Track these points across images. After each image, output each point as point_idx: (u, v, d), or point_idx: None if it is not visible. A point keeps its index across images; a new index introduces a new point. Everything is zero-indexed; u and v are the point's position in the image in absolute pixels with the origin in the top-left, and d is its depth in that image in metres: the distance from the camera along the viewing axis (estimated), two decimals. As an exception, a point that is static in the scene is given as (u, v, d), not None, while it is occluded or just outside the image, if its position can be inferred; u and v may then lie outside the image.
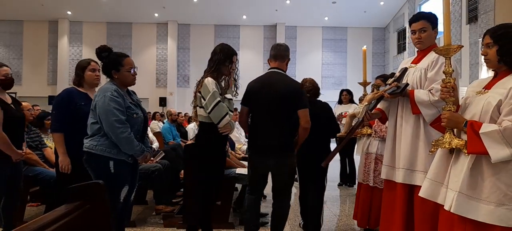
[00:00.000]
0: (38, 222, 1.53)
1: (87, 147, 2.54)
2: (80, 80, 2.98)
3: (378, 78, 3.94)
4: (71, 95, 2.92)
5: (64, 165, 2.83)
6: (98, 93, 2.55)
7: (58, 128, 2.89)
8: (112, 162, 2.51)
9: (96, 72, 3.01)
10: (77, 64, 3.07)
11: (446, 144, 1.83)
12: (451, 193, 1.80)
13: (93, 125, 2.56)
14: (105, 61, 2.66)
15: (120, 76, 2.62)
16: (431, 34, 2.56)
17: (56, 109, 2.91)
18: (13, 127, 2.94)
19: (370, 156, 3.56)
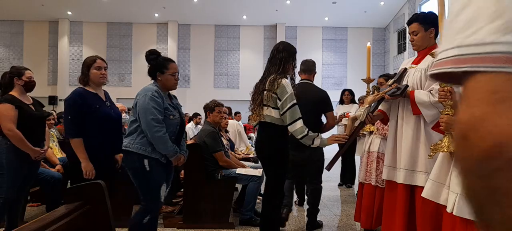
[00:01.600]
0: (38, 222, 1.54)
1: (125, 145, 2.62)
2: (85, 79, 2.90)
3: (381, 77, 3.93)
4: (82, 97, 2.80)
5: (88, 171, 2.77)
6: (140, 93, 2.65)
7: (76, 133, 2.77)
8: (146, 160, 2.57)
9: (102, 70, 2.90)
10: (83, 62, 2.99)
11: (445, 148, 1.83)
12: (452, 195, 1.80)
13: (132, 123, 2.65)
14: (152, 64, 2.77)
15: (163, 79, 2.74)
16: (424, 35, 2.56)
17: (70, 114, 2.81)
18: (32, 126, 3.10)
19: (371, 154, 3.54)
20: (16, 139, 2.98)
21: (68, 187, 2.11)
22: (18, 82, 3.10)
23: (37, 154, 3.11)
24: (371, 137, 3.61)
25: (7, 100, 3.03)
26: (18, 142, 2.99)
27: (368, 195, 3.50)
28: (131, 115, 2.71)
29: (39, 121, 3.21)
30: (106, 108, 2.88)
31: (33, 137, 3.08)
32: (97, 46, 16.35)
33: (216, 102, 4.30)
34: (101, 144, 2.82)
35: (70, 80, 16.28)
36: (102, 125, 2.81)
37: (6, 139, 3.00)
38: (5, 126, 2.97)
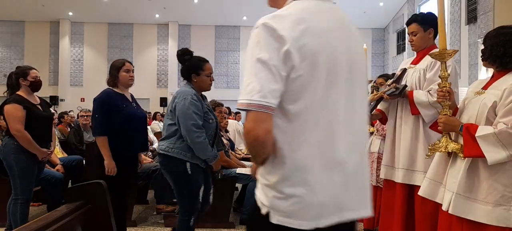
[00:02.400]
0: (39, 221, 1.55)
1: (163, 149, 2.58)
2: (114, 81, 2.97)
3: (380, 78, 3.94)
4: (111, 97, 2.91)
5: (110, 169, 2.82)
6: (178, 96, 2.60)
7: (102, 131, 2.86)
8: (188, 164, 2.55)
9: (130, 73, 3.01)
10: (112, 64, 3.06)
11: (443, 148, 1.85)
12: (448, 194, 1.82)
13: (170, 127, 2.61)
14: (186, 64, 2.72)
15: (198, 80, 2.69)
16: (423, 36, 2.58)
17: (98, 113, 2.89)
18: (40, 126, 3.08)
19: (372, 155, 3.54)
20: (24, 140, 2.95)
21: (69, 187, 2.13)
22: (23, 83, 3.08)
23: (44, 155, 3.10)
24: (371, 137, 3.62)
25: (15, 100, 3.00)
26: (25, 143, 2.96)
27: None
28: (167, 117, 2.67)
29: (46, 121, 3.20)
30: (132, 109, 2.98)
31: (40, 138, 3.06)
32: (98, 47, 16.36)
33: (217, 103, 4.32)
34: (127, 143, 2.89)
35: (71, 80, 16.31)
36: (129, 124, 2.88)
37: (13, 139, 2.98)
38: (13, 127, 2.95)
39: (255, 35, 1.10)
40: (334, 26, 1.14)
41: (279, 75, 1.04)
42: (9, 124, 2.98)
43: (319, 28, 1.10)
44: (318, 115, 1.08)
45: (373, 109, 2.75)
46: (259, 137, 1.04)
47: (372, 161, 3.52)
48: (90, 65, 16.26)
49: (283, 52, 1.04)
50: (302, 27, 1.07)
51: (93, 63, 16.25)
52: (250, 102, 1.03)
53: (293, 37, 1.04)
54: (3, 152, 3.05)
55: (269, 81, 1.02)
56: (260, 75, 1.03)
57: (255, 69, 1.05)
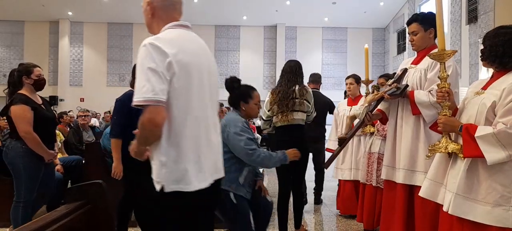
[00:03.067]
0: (39, 221, 1.55)
1: None
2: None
3: (381, 77, 3.94)
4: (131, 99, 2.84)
5: (117, 172, 2.81)
6: (228, 124, 2.59)
7: (117, 134, 2.81)
8: (232, 194, 2.54)
9: None
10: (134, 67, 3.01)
11: (442, 149, 1.84)
12: (448, 195, 1.82)
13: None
14: (235, 92, 2.73)
15: (247, 108, 2.71)
16: (424, 36, 2.57)
17: (117, 115, 2.85)
18: (44, 127, 2.98)
19: (372, 155, 3.53)
20: (33, 141, 2.86)
21: (69, 187, 2.12)
22: (27, 81, 2.96)
23: (50, 156, 3.03)
24: (371, 138, 3.60)
25: (22, 101, 2.87)
26: (34, 145, 2.87)
27: (369, 196, 3.50)
28: None
29: (50, 122, 3.11)
30: None
31: (45, 139, 2.96)
32: (98, 47, 16.35)
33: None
34: None
35: (70, 80, 16.30)
36: None
37: (21, 142, 2.88)
38: (22, 129, 2.83)
39: (144, 51, 1.47)
40: (198, 48, 1.65)
41: (165, 79, 1.45)
42: (18, 126, 2.86)
43: (189, 49, 1.57)
44: (195, 108, 1.54)
45: (373, 109, 2.74)
46: (158, 124, 1.44)
47: (373, 161, 3.50)
48: (90, 65, 16.25)
49: (167, 63, 1.45)
50: (178, 47, 1.50)
51: (92, 63, 16.25)
52: (148, 99, 1.41)
53: (172, 53, 1.46)
54: (10, 155, 2.94)
55: (159, 83, 1.42)
56: (152, 79, 1.42)
57: (147, 76, 1.43)
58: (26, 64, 3.08)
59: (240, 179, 2.62)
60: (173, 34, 1.57)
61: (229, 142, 2.55)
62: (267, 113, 3.32)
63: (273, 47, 16.46)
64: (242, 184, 2.61)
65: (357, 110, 2.88)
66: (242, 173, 2.63)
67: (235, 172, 2.59)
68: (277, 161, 2.70)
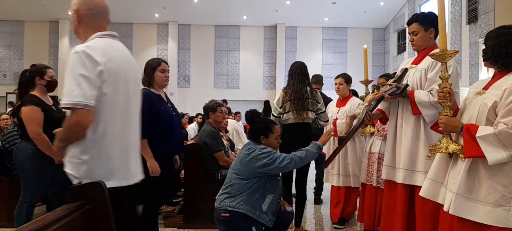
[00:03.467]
0: (39, 222, 1.54)
1: (233, 206, 2.49)
2: (150, 81, 2.91)
3: (382, 77, 3.93)
4: (150, 98, 2.82)
5: (154, 169, 2.74)
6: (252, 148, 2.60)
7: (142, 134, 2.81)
8: (254, 228, 2.52)
9: (166, 73, 2.95)
10: (147, 64, 2.99)
11: (443, 149, 1.84)
12: (449, 195, 1.82)
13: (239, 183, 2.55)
14: (257, 127, 2.71)
15: (267, 142, 2.69)
16: (424, 35, 2.57)
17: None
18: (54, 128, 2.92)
19: (373, 155, 3.52)
20: (42, 143, 2.84)
21: (69, 187, 2.11)
22: (40, 82, 2.96)
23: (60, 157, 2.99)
24: (372, 138, 3.60)
25: (33, 102, 2.87)
26: (43, 146, 2.84)
27: (370, 196, 3.49)
28: (235, 173, 2.60)
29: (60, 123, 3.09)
30: (169, 110, 2.93)
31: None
32: (98, 47, 16.36)
33: (217, 103, 4.31)
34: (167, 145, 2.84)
35: (70, 80, 16.30)
36: (166, 126, 2.83)
37: (30, 143, 2.87)
38: (32, 130, 2.82)
39: (77, 57, 1.59)
40: (125, 58, 1.81)
41: (96, 85, 1.59)
42: (27, 127, 2.85)
43: (117, 58, 1.73)
44: (121, 112, 1.72)
45: (373, 108, 2.74)
46: (85, 126, 1.60)
47: (373, 161, 3.50)
48: (90, 65, 16.25)
49: (98, 71, 1.60)
50: (108, 56, 1.65)
51: (93, 63, 16.24)
52: (77, 103, 1.55)
53: (103, 62, 1.62)
54: (19, 156, 2.93)
55: (90, 89, 1.57)
56: (83, 85, 1.56)
57: (78, 81, 1.56)
58: (39, 65, 3.07)
59: (263, 207, 2.56)
60: (102, 44, 1.72)
61: (260, 168, 2.52)
62: (278, 110, 3.39)
63: (273, 47, 16.46)
64: (265, 212, 2.55)
65: (357, 110, 2.88)
66: (265, 200, 2.57)
67: (258, 199, 2.54)
68: (315, 153, 2.70)
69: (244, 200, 2.50)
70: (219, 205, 2.57)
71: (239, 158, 2.65)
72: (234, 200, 2.52)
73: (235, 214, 2.50)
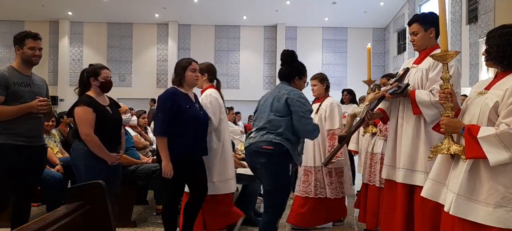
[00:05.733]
0: (39, 222, 1.54)
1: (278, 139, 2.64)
2: (180, 80, 2.91)
3: (384, 77, 3.93)
4: (175, 96, 2.84)
5: (167, 171, 2.75)
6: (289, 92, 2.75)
7: (163, 131, 2.77)
8: (291, 165, 2.71)
9: (196, 72, 2.96)
10: (177, 63, 3.00)
11: (445, 150, 1.83)
12: (450, 195, 1.81)
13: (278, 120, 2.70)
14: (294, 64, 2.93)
15: (299, 84, 2.91)
16: (424, 36, 2.57)
17: (161, 112, 2.80)
18: (109, 129, 2.93)
19: (375, 156, 3.51)
20: (94, 144, 2.82)
21: (69, 187, 2.11)
22: (94, 83, 2.95)
23: (113, 159, 2.95)
24: (374, 138, 3.59)
25: (85, 102, 2.86)
26: (95, 147, 2.83)
27: (373, 196, 3.48)
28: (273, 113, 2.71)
29: (115, 124, 3.05)
30: (195, 110, 2.92)
31: (109, 141, 2.92)
32: (98, 47, 16.35)
33: None
34: (189, 145, 2.83)
35: (70, 80, 16.28)
36: (191, 126, 2.83)
37: (83, 144, 2.86)
38: (83, 131, 2.82)
39: None
40: None
41: None
42: (79, 128, 2.84)
43: None
44: None
45: (374, 108, 2.74)
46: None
47: (375, 162, 3.48)
48: (90, 65, 16.26)
49: None
50: None
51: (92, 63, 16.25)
52: None
53: None
54: (73, 156, 2.93)
55: None
56: None
57: None
58: (95, 65, 3.04)
59: (299, 148, 2.75)
60: None
61: (293, 106, 2.66)
62: None
63: (273, 47, 16.46)
64: (299, 153, 2.75)
65: (358, 109, 2.88)
66: (300, 142, 2.76)
67: (296, 140, 2.70)
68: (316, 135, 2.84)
69: (287, 137, 2.64)
70: (260, 139, 2.67)
71: (273, 96, 2.76)
72: (278, 135, 2.63)
73: (278, 147, 2.61)
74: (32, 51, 2.90)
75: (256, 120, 2.86)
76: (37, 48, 2.92)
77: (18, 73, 2.89)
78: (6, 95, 2.77)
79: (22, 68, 2.92)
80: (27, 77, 2.93)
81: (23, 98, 2.83)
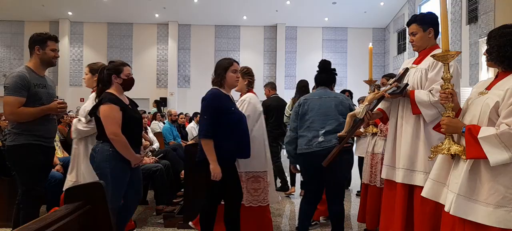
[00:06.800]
0: (39, 222, 1.54)
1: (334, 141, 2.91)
2: (221, 81, 2.81)
3: (384, 77, 3.93)
4: (220, 98, 2.76)
5: (216, 173, 2.68)
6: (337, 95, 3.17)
7: (209, 134, 2.69)
8: None
9: (237, 73, 2.88)
10: (218, 63, 2.89)
11: (445, 150, 1.83)
12: (450, 195, 1.81)
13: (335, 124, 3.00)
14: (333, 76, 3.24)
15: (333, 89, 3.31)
16: (423, 36, 2.58)
17: (207, 114, 2.71)
18: (131, 129, 2.80)
19: (376, 156, 3.50)
20: (121, 144, 2.70)
21: (68, 187, 2.10)
22: (116, 81, 2.81)
23: (137, 160, 2.85)
24: (374, 138, 3.58)
25: (111, 100, 2.71)
26: (122, 147, 2.70)
27: (373, 197, 3.47)
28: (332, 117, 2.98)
29: (138, 124, 2.95)
30: (238, 111, 2.88)
31: (133, 142, 2.80)
32: (98, 47, 16.35)
33: None
34: (236, 147, 2.78)
35: (70, 80, 16.29)
36: (234, 128, 2.77)
37: (108, 145, 2.71)
38: (111, 130, 2.68)
39: None
40: None
41: None
42: (106, 127, 2.69)
43: None
44: None
45: (374, 108, 2.73)
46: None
47: (376, 162, 3.48)
48: (90, 65, 16.26)
49: None
50: None
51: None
52: None
53: None
54: (97, 158, 2.75)
55: None
56: None
57: None
58: (117, 62, 2.91)
59: None
60: None
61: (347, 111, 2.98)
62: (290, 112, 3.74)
63: (273, 47, 16.46)
64: None
65: (358, 109, 2.88)
66: None
67: None
68: None
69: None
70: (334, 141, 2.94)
71: (334, 101, 3.05)
72: (330, 136, 2.98)
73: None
74: (54, 53, 2.98)
75: (314, 123, 2.99)
76: (57, 50, 3.01)
77: (35, 75, 2.93)
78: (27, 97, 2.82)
79: (39, 69, 2.97)
80: (43, 79, 2.99)
81: (42, 100, 2.88)
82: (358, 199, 4.71)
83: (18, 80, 2.80)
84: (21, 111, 2.81)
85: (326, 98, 3.04)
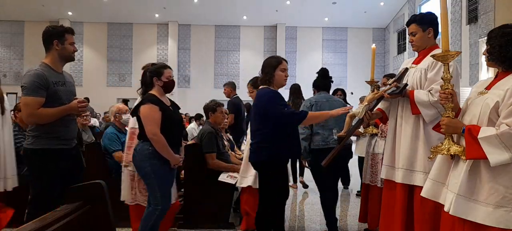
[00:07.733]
0: (39, 222, 1.54)
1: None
2: (269, 79, 2.80)
3: (385, 77, 3.93)
4: (277, 97, 2.75)
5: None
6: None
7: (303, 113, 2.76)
8: None
9: (286, 72, 2.86)
10: (266, 62, 2.88)
11: (445, 151, 1.83)
12: (450, 195, 1.81)
13: None
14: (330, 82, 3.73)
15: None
16: (422, 36, 2.58)
17: (284, 105, 2.74)
18: (171, 130, 2.82)
19: (377, 156, 3.49)
20: (160, 144, 2.72)
21: (69, 187, 2.11)
22: (157, 83, 2.86)
23: (176, 161, 2.84)
24: (375, 138, 3.58)
25: (152, 101, 2.77)
26: (161, 147, 2.72)
27: (375, 197, 3.47)
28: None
29: (178, 125, 2.98)
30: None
31: (172, 142, 2.81)
32: (98, 47, 16.36)
33: (217, 103, 4.30)
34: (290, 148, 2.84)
35: (70, 80, 16.31)
36: (291, 129, 2.83)
37: (148, 144, 2.74)
38: (150, 130, 2.71)
39: None
40: None
41: None
42: (146, 126, 2.73)
43: None
44: None
45: (373, 108, 2.74)
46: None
47: (377, 162, 3.48)
48: (90, 65, 16.25)
49: None
50: None
51: (92, 63, 16.24)
52: None
53: None
54: (137, 158, 2.78)
55: None
56: None
57: None
58: (158, 64, 2.96)
59: None
60: None
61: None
62: None
63: (273, 47, 16.46)
64: None
65: (357, 109, 2.88)
66: None
67: None
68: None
69: None
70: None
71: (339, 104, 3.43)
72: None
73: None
74: (73, 47, 2.81)
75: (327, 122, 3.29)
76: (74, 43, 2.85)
77: (54, 72, 2.70)
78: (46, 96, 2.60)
79: (57, 65, 2.75)
80: (61, 75, 2.78)
81: (62, 99, 2.67)
82: (358, 199, 4.71)
83: (36, 79, 2.57)
84: (41, 112, 2.58)
85: (332, 101, 3.48)
